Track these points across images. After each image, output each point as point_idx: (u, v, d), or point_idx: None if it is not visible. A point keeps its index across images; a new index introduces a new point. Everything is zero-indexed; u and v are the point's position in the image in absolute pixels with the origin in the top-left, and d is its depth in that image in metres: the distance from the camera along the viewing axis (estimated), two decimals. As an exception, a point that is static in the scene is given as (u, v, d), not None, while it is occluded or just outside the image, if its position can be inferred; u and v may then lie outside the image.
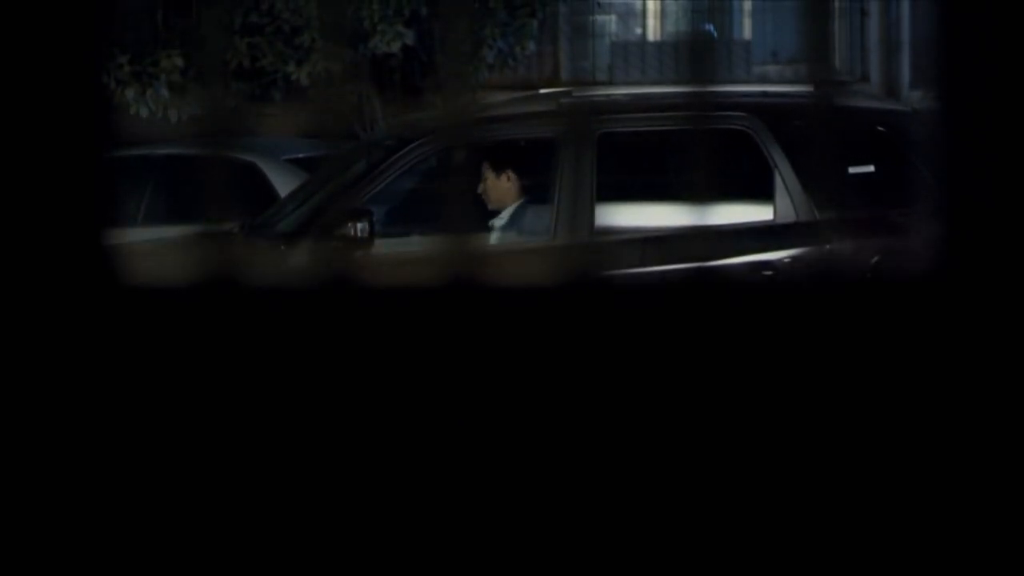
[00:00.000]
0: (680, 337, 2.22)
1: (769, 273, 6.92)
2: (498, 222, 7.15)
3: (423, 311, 2.21)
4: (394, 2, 11.21)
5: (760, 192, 7.01)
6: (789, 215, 7.01)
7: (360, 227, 6.89)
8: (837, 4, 15.55)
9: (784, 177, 7.01)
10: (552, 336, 2.21)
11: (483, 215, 7.07)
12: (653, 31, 16.59)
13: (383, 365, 2.20)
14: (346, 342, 2.21)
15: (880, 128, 7.19)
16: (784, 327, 2.23)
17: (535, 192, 7.19)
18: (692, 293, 2.25)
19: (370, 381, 2.21)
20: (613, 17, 16.15)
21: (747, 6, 16.50)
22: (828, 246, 7.01)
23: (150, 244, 7.75)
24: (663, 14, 16.46)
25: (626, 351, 2.21)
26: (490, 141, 7.48)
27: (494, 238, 7.10)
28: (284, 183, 9.39)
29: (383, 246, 7.03)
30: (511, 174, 7.20)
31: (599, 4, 13.74)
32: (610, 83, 14.74)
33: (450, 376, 2.20)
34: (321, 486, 2.22)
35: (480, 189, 7.16)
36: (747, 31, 16.63)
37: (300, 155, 10.21)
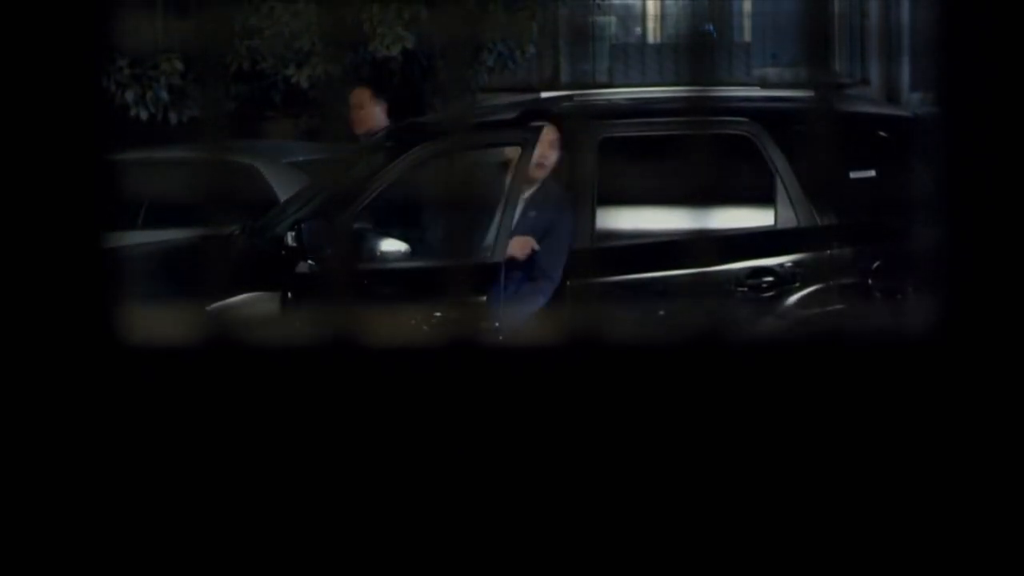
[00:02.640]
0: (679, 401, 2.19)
1: (770, 279, 6.91)
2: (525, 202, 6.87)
3: (428, 373, 2.18)
4: (394, 6, 11.21)
5: (761, 197, 7.01)
6: (790, 220, 7.00)
7: (292, 236, 6.83)
8: (837, 6, 15.55)
9: (785, 182, 7.00)
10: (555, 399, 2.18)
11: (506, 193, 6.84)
12: (653, 33, 16.59)
13: (389, 429, 2.17)
14: (351, 405, 2.17)
15: (882, 133, 7.18)
16: (783, 390, 2.19)
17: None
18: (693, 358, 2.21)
19: (377, 446, 2.17)
20: (613, 19, 16.14)
21: (747, 8, 16.50)
22: (830, 252, 7.01)
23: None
24: (663, 16, 16.46)
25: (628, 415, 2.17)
26: (489, 145, 7.46)
27: (518, 214, 6.83)
28: (284, 186, 9.39)
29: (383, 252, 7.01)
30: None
31: (599, 6, 13.73)
32: (609, 85, 14.74)
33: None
34: (325, 554, 2.19)
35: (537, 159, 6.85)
36: (747, 33, 16.63)
37: (300, 158, 10.20)
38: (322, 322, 2.22)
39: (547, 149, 6.86)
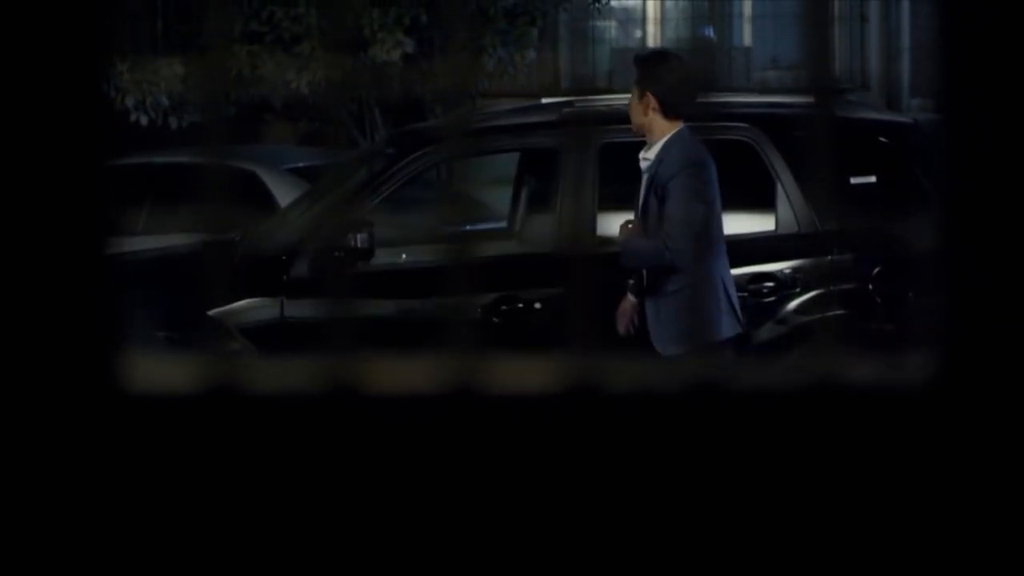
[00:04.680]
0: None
1: (771, 284, 6.91)
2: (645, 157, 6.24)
3: (429, 421, 2.15)
4: (394, 11, 11.20)
5: (762, 203, 7.00)
6: (791, 226, 7.00)
7: (360, 238, 6.83)
8: (837, 10, 15.54)
9: (786, 188, 7.00)
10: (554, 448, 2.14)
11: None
12: (653, 37, 16.58)
13: (394, 479, 2.14)
14: (356, 454, 2.14)
15: (882, 139, 7.19)
16: (778, 437, 2.16)
17: (537, 201, 7.16)
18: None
19: (383, 496, 2.14)
20: (613, 23, 16.13)
21: (747, 11, 16.50)
22: (830, 257, 7.01)
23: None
24: (663, 20, 16.46)
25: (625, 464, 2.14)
26: (491, 151, 7.46)
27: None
28: (284, 192, 9.40)
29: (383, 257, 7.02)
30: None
31: (599, 10, 13.73)
32: (610, 91, 14.73)
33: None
34: None
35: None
36: (747, 37, 16.63)
37: (300, 164, 10.21)
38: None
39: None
